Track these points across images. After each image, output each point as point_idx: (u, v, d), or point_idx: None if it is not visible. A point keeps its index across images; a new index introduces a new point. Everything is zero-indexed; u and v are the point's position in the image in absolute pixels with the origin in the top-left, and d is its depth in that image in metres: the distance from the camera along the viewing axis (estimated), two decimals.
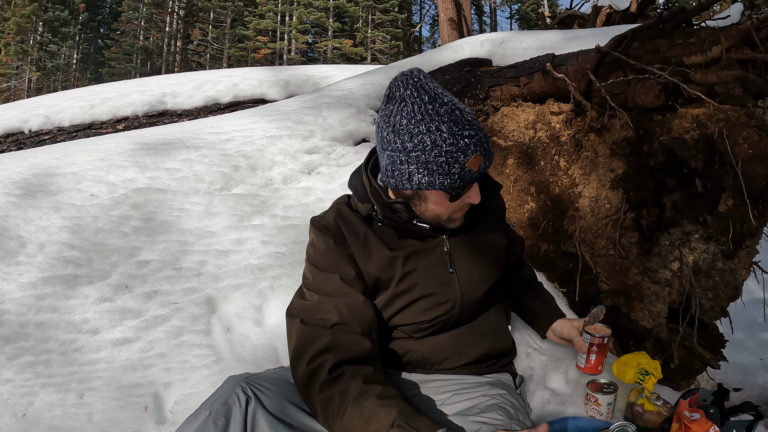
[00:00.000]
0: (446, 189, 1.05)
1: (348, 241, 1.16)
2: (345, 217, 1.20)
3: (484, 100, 2.67)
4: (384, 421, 0.91)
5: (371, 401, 0.95)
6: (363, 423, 0.93)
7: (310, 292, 1.14)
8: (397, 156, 1.04)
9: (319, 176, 2.45)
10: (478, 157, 1.02)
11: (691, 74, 1.92)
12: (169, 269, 1.83)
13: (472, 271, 1.24)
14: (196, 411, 1.01)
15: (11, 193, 2.01)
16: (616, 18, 3.91)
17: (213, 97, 4.04)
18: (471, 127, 1.03)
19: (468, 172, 1.03)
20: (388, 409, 0.93)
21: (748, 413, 1.36)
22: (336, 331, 1.07)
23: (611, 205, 2.02)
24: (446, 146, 1.00)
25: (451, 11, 9.61)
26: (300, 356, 1.06)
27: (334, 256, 1.15)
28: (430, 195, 1.09)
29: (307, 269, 1.19)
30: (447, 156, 1.01)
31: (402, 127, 1.02)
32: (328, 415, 0.99)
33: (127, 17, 28.54)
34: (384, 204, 1.15)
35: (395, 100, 1.05)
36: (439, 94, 1.04)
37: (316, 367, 1.02)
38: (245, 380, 1.04)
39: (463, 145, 1.01)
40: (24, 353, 1.47)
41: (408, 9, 30.71)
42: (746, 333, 3.48)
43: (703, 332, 2.04)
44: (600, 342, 1.41)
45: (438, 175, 1.02)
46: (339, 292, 1.12)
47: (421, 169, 1.03)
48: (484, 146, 1.04)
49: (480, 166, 1.04)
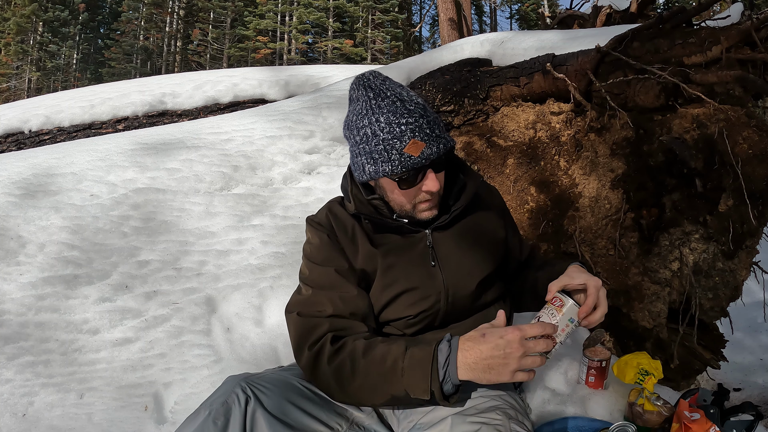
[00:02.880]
0: (389, 175, 1.09)
1: (338, 236, 1.21)
2: (336, 213, 1.25)
3: (484, 100, 2.67)
4: (397, 351, 1.01)
5: (379, 346, 1.04)
6: (379, 365, 1.01)
7: (306, 287, 1.19)
8: (353, 150, 1.15)
9: (319, 176, 2.45)
10: (417, 142, 1.06)
11: (691, 74, 1.92)
12: (169, 269, 1.83)
13: (457, 264, 1.24)
14: (196, 411, 1.01)
15: (11, 193, 2.01)
16: (616, 18, 3.92)
17: (213, 97, 4.04)
18: (410, 115, 1.07)
19: (408, 158, 1.06)
20: (398, 343, 1.04)
21: (748, 413, 1.36)
22: (333, 319, 1.12)
23: (611, 205, 2.02)
24: (383, 134, 1.07)
25: (451, 11, 9.61)
26: (301, 346, 1.10)
27: (328, 250, 1.20)
28: (385, 184, 1.15)
29: (303, 265, 1.23)
30: (384, 144, 1.07)
31: (352, 124, 1.12)
32: (344, 380, 1.04)
33: (127, 17, 28.55)
34: (363, 201, 1.20)
35: (351, 101, 1.16)
36: (383, 89, 1.10)
37: (319, 348, 1.07)
38: (245, 380, 1.04)
39: (399, 132, 1.06)
40: (24, 353, 1.47)
41: (408, 9, 30.71)
42: (746, 333, 3.49)
43: (703, 332, 2.04)
44: (598, 366, 1.44)
45: (381, 163, 1.08)
46: (333, 284, 1.16)
47: (368, 159, 1.10)
48: (426, 132, 1.07)
49: (423, 151, 1.07)
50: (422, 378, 0.98)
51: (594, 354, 1.45)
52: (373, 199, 1.19)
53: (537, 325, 1.00)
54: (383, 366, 1.01)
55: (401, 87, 1.14)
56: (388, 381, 1.01)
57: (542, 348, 0.97)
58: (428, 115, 1.10)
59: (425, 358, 0.99)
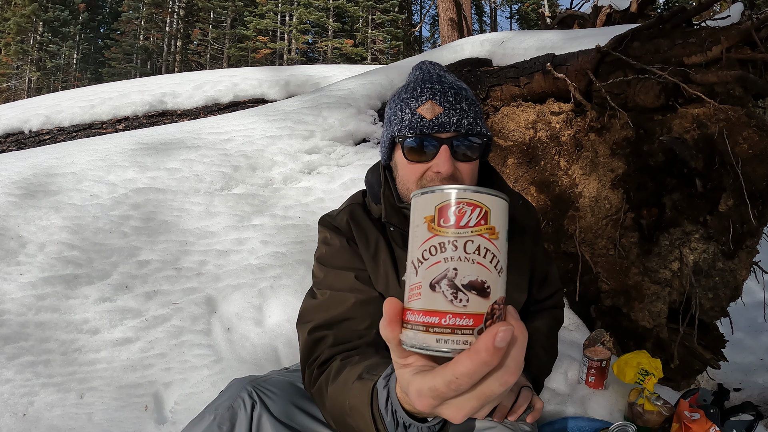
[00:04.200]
0: (396, 137, 0.98)
1: (359, 247, 1.09)
2: (357, 220, 1.11)
3: (485, 100, 2.67)
4: (350, 375, 0.83)
5: (346, 371, 0.86)
6: (342, 392, 0.83)
7: (321, 290, 1.06)
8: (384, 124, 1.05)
9: (319, 176, 2.45)
10: (433, 105, 0.94)
11: (691, 74, 1.92)
12: (169, 269, 1.83)
13: None
14: (201, 414, 1.00)
15: (11, 193, 2.01)
16: (616, 18, 3.92)
17: (213, 97, 4.04)
18: (439, 80, 0.97)
19: (419, 119, 0.94)
20: (355, 367, 0.84)
21: (748, 413, 1.36)
22: (341, 329, 0.99)
23: (611, 205, 2.02)
24: (405, 94, 0.98)
25: (451, 11, 9.61)
26: (302, 364, 1.02)
27: (348, 255, 1.08)
28: (397, 158, 1.02)
29: (317, 268, 1.11)
30: (401, 103, 0.97)
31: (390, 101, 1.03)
32: (322, 406, 0.92)
33: (127, 17, 28.54)
34: (394, 207, 1.06)
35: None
36: (430, 70, 1.01)
37: (312, 369, 0.98)
38: (251, 384, 1.02)
39: (419, 91, 0.96)
40: (24, 353, 1.47)
41: (408, 9, 30.70)
42: (746, 333, 3.48)
43: (703, 332, 2.04)
44: (598, 366, 1.44)
45: (393, 124, 0.98)
46: (352, 287, 1.05)
47: (386, 127, 1.01)
48: (449, 99, 0.95)
49: (438, 116, 0.93)
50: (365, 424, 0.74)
51: (594, 354, 1.46)
52: (405, 207, 1.05)
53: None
54: (345, 395, 0.81)
55: (451, 74, 1.04)
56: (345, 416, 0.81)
57: None
58: (462, 92, 0.97)
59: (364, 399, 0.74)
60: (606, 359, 1.46)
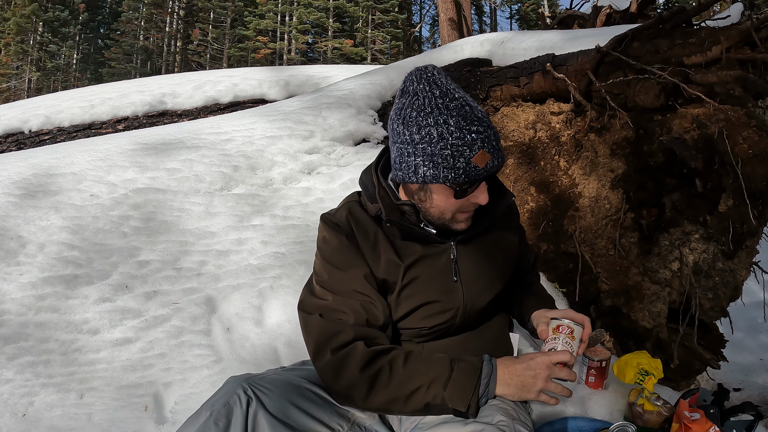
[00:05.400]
0: (450, 183, 1.04)
1: (359, 240, 1.16)
2: (356, 216, 1.19)
3: (484, 101, 2.67)
4: (442, 363, 1.05)
5: (421, 356, 1.07)
6: (422, 375, 1.04)
7: (323, 290, 1.14)
8: (405, 148, 1.06)
9: (319, 176, 2.45)
10: (484, 153, 1.02)
11: (691, 74, 1.92)
12: (169, 269, 1.83)
13: (477, 280, 1.22)
14: (197, 411, 1.01)
15: (11, 193, 2.01)
16: (616, 18, 3.92)
17: (213, 97, 4.04)
18: (480, 123, 1.03)
19: (473, 168, 1.02)
20: (439, 356, 1.07)
21: (748, 413, 1.36)
22: (356, 327, 1.10)
23: (611, 205, 2.02)
24: (452, 139, 1.01)
25: (451, 11, 9.61)
26: (323, 347, 1.07)
27: (347, 254, 1.15)
28: (435, 190, 1.08)
29: (319, 265, 1.18)
30: (452, 149, 1.01)
31: (411, 120, 1.04)
32: (378, 387, 1.04)
33: (127, 17, 28.55)
34: (391, 205, 1.15)
35: (408, 94, 1.07)
36: (450, 89, 1.04)
37: (347, 354, 1.06)
38: (246, 381, 1.03)
39: (470, 139, 1.01)
40: (24, 353, 1.47)
41: (408, 9, 30.70)
42: (746, 333, 3.48)
43: (703, 332, 2.04)
44: (598, 366, 1.44)
45: (442, 168, 1.02)
46: (353, 291, 1.12)
47: (426, 161, 1.03)
48: (493, 144, 1.03)
49: (487, 164, 1.03)
50: (465, 389, 1.02)
51: (594, 354, 1.46)
52: (403, 204, 1.14)
53: (561, 353, 1.09)
54: (426, 376, 1.03)
55: (462, 89, 1.09)
56: (428, 390, 1.03)
57: (564, 375, 1.07)
58: (492, 126, 1.06)
59: (472, 372, 1.04)
60: (606, 359, 1.46)
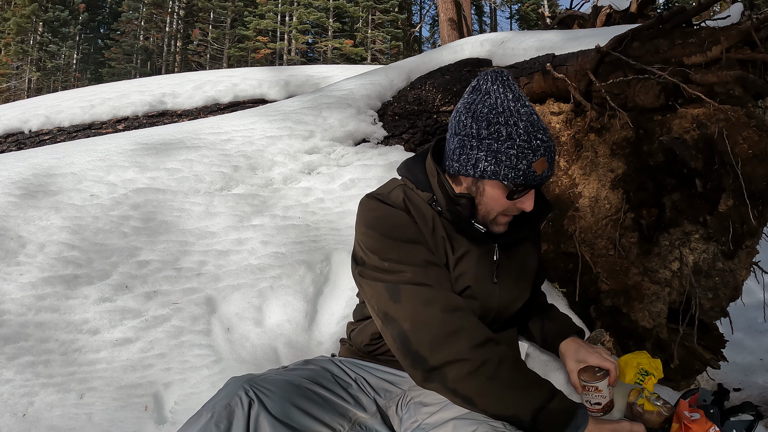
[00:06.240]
0: (508, 182, 1.08)
1: (418, 223, 1.15)
2: (412, 200, 1.18)
3: None
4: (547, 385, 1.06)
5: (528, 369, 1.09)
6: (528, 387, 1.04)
7: (396, 264, 1.09)
8: (469, 141, 1.09)
9: (319, 176, 2.45)
10: (544, 161, 1.06)
11: (691, 74, 1.92)
12: (169, 269, 1.83)
13: (512, 287, 1.25)
14: (198, 412, 1.00)
15: (11, 193, 2.01)
16: (616, 18, 3.91)
17: (213, 97, 4.04)
18: (545, 133, 1.08)
19: (532, 173, 1.06)
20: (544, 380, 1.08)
21: (748, 413, 1.36)
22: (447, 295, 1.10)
23: (611, 205, 2.02)
24: (519, 141, 1.05)
25: (451, 11, 9.61)
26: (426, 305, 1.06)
27: (413, 229, 1.13)
28: (489, 187, 1.11)
29: (376, 243, 1.12)
30: (518, 150, 1.05)
31: (482, 115, 1.08)
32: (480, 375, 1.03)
33: (127, 17, 28.55)
34: (448, 197, 1.15)
35: (480, 92, 1.10)
36: (522, 96, 1.10)
37: (460, 324, 1.06)
38: (248, 382, 1.03)
39: (536, 145, 1.05)
40: (24, 353, 1.47)
41: (408, 9, 30.71)
42: (746, 333, 3.48)
43: (703, 332, 2.04)
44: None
45: (504, 167, 1.06)
46: (427, 263, 1.11)
47: (489, 157, 1.06)
48: (552, 155, 1.08)
49: (544, 172, 1.07)
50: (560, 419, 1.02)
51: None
52: (460, 197, 1.14)
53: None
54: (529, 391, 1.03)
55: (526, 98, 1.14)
56: (525, 402, 1.01)
57: None
58: (552, 139, 1.11)
59: (569, 410, 1.04)
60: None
